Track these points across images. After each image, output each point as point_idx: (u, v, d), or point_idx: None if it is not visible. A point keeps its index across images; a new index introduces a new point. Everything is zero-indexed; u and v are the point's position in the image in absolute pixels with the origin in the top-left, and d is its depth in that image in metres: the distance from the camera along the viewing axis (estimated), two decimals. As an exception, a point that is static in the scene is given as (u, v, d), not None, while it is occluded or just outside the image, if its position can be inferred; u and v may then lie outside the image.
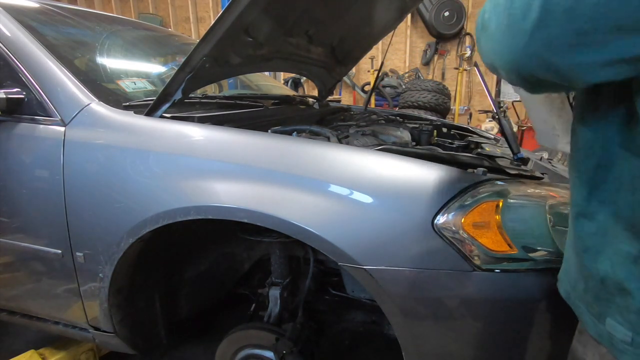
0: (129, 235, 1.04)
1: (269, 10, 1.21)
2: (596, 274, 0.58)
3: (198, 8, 6.57)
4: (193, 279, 1.43)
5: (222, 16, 1.02)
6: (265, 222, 0.93)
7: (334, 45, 1.88)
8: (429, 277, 0.85)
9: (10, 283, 1.32)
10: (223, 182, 0.98)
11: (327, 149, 1.01)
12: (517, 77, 0.50)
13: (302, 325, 1.26)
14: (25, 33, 1.24)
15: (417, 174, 0.93)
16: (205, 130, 1.08)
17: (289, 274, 1.32)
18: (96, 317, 1.20)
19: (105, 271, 1.10)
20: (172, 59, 1.98)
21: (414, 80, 5.50)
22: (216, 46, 1.08)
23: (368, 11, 1.69)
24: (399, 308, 0.88)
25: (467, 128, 2.06)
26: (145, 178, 1.04)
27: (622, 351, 0.56)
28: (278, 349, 1.17)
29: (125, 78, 1.46)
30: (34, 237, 1.20)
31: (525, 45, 0.45)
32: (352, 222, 0.89)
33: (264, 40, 1.36)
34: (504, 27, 0.47)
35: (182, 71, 1.10)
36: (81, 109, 1.14)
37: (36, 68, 1.18)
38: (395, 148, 1.12)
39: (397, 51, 5.91)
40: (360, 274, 0.89)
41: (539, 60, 0.46)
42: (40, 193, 1.14)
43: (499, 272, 0.84)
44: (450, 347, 0.90)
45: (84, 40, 1.53)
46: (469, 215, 0.85)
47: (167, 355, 1.69)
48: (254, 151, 1.02)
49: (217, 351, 1.31)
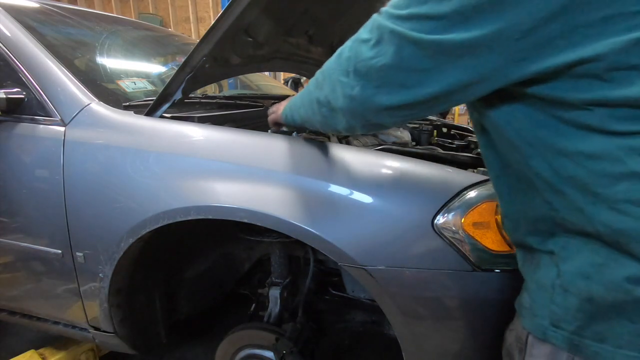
0: (129, 235, 1.04)
1: (269, 10, 1.21)
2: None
3: (198, 8, 6.57)
4: (193, 279, 1.43)
5: (222, 16, 1.02)
6: (265, 222, 0.93)
7: (334, 45, 1.87)
8: (429, 277, 0.85)
9: (10, 283, 1.32)
10: (223, 182, 0.98)
11: (327, 149, 1.01)
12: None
13: (302, 325, 1.26)
14: (25, 33, 1.24)
15: (417, 174, 0.93)
16: (205, 130, 1.08)
17: (289, 274, 1.32)
18: (96, 317, 1.20)
19: (105, 271, 1.10)
20: (172, 59, 1.98)
21: (414, 80, 5.49)
22: (216, 46, 1.08)
23: (368, 11, 1.69)
24: (399, 308, 0.88)
25: (467, 128, 2.06)
26: (146, 178, 1.04)
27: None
28: (278, 349, 1.17)
29: (125, 78, 1.46)
30: (34, 237, 1.20)
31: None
32: (352, 222, 0.89)
33: (264, 40, 1.36)
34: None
35: (182, 71, 1.10)
36: (81, 109, 1.14)
37: (36, 68, 1.18)
38: (395, 148, 1.12)
39: (397, 51, 5.90)
40: (360, 274, 0.89)
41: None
42: (40, 193, 1.14)
43: (499, 272, 0.84)
44: (450, 347, 0.90)
45: (84, 40, 1.53)
46: (469, 215, 0.85)
47: (167, 355, 1.69)
48: (254, 151, 1.02)
49: (217, 351, 1.31)
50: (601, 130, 0.49)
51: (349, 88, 0.63)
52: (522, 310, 0.65)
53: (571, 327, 0.56)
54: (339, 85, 0.66)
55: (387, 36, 0.56)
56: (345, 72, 0.64)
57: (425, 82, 0.56)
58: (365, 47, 0.60)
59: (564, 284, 0.56)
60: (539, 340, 0.60)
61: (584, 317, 0.55)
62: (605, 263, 0.53)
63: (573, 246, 0.56)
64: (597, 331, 0.54)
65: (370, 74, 0.59)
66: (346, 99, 0.65)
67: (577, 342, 0.56)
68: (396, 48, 0.55)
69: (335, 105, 0.69)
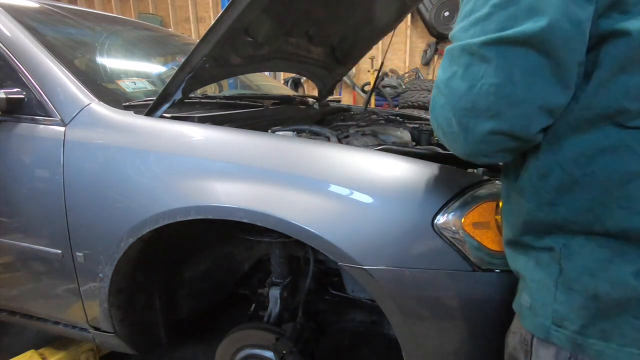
0: (129, 235, 1.03)
1: (269, 10, 1.21)
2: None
3: (198, 8, 6.56)
4: (193, 279, 1.43)
5: (222, 16, 1.02)
6: (265, 222, 0.93)
7: (334, 45, 1.87)
8: (429, 277, 0.85)
9: (10, 283, 1.32)
10: (223, 182, 0.98)
11: (327, 149, 1.01)
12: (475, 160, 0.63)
13: (302, 325, 1.26)
14: (26, 33, 1.24)
15: (417, 174, 0.93)
16: (205, 130, 1.08)
17: (289, 274, 1.32)
18: (96, 317, 1.20)
19: (105, 271, 1.10)
20: (172, 59, 1.98)
21: (414, 80, 5.50)
22: (216, 46, 1.08)
23: (368, 11, 1.69)
24: (399, 308, 0.88)
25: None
26: (145, 178, 1.04)
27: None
28: (278, 349, 1.17)
29: (125, 78, 1.46)
30: (34, 237, 1.20)
31: (463, 148, 0.59)
32: (352, 222, 0.89)
33: (264, 40, 1.36)
34: (444, 139, 0.61)
35: (182, 71, 1.10)
36: (81, 109, 1.14)
37: (36, 68, 1.18)
38: (395, 148, 1.12)
39: (397, 51, 5.91)
40: (360, 274, 0.89)
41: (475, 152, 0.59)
42: (40, 193, 1.14)
43: (499, 272, 0.84)
44: (451, 347, 0.90)
45: (84, 40, 1.53)
46: (469, 215, 0.85)
47: (167, 355, 1.69)
48: (254, 151, 1.02)
49: (217, 351, 1.31)
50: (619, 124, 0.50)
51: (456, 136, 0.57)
52: (522, 311, 0.64)
53: (575, 326, 0.55)
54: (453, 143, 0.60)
55: (478, 52, 0.52)
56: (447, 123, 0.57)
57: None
58: (456, 81, 0.55)
59: (568, 282, 0.56)
60: (543, 341, 0.59)
61: (588, 315, 0.54)
62: (610, 259, 0.52)
63: (575, 244, 0.56)
64: (601, 329, 0.54)
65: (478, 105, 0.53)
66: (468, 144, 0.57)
67: (581, 341, 0.55)
68: (498, 58, 0.50)
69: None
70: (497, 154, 0.57)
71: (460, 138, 0.56)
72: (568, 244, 0.56)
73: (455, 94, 0.54)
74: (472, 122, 0.54)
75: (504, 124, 0.52)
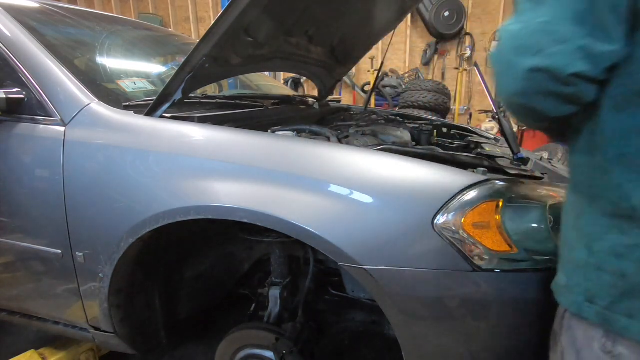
0: (129, 235, 1.04)
1: (269, 10, 1.21)
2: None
3: (198, 8, 6.57)
4: (193, 279, 1.43)
5: (222, 16, 1.02)
6: (265, 222, 0.93)
7: (334, 45, 1.87)
8: (429, 277, 0.85)
9: (10, 283, 1.32)
10: (223, 182, 0.98)
11: (327, 149, 1.01)
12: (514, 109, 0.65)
13: (302, 325, 1.26)
14: (26, 33, 1.24)
15: (417, 174, 0.93)
16: (205, 130, 1.08)
17: (289, 274, 1.32)
18: (96, 317, 1.20)
19: (105, 271, 1.10)
20: (172, 59, 1.98)
21: (414, 80, 5.50)
22: (216, 46, 1.08)
23: (368, 11, 1.69)
24: (399, 308, 0.88)
25: (467, 128, 2.06)
26: (145, 178, 1.04)
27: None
28: (278, 349, 1.17)
29: (125, 78, 1.46)
30: (34, 237, 1.20)
31: (507, 85, 0.61)
32: (352, 222, 0.89)
33: (264, 40, 1.36)
34: (496, 80, 0.64)
35: (182, 71, 1.10)
36: (81, 109, 1.14)
37: (36, 68, 1.18)
38: (395, 148, 1.12)
39: (397, 51, 5.91)
40: (360, 274, 0.89)
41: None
42: (40, 193, 1.14)
43: (499, 272, 0.84)
44: (450, 347, 0.90)
45: (84, 40, 1.53)
46: (469, 215, 0.85)
47: (167, 355, 1.69)
48: (254, 151, 1.02)
49: (217, 351, 1.31)
50: None
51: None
52: (559, 289, 0.71)
53: (604, 302, 0.61)
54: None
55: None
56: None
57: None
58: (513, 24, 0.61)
59: (597, 263, 0.61)
60: (576, 315, 0.65)
61: (616, 293, 0.59)
62: (636, 243, 0.57)
63: (602, 227, 0.61)
64: (627, 307, 0.58)
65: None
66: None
67: (609, 316, 0.60)
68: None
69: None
70: (538, 97, 0.60)
71: (507, 76, 0.61)
72: (595, 225, 0.62)
73: (510, 36, 0.60)
74: (517, 59, 0.58)
75: (545, 59, 0.56)
